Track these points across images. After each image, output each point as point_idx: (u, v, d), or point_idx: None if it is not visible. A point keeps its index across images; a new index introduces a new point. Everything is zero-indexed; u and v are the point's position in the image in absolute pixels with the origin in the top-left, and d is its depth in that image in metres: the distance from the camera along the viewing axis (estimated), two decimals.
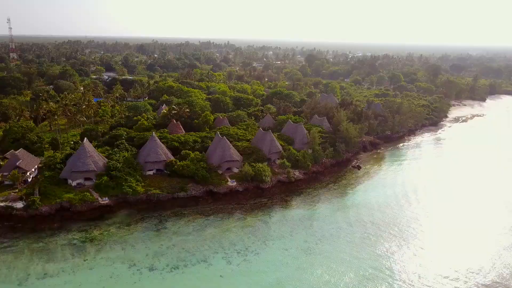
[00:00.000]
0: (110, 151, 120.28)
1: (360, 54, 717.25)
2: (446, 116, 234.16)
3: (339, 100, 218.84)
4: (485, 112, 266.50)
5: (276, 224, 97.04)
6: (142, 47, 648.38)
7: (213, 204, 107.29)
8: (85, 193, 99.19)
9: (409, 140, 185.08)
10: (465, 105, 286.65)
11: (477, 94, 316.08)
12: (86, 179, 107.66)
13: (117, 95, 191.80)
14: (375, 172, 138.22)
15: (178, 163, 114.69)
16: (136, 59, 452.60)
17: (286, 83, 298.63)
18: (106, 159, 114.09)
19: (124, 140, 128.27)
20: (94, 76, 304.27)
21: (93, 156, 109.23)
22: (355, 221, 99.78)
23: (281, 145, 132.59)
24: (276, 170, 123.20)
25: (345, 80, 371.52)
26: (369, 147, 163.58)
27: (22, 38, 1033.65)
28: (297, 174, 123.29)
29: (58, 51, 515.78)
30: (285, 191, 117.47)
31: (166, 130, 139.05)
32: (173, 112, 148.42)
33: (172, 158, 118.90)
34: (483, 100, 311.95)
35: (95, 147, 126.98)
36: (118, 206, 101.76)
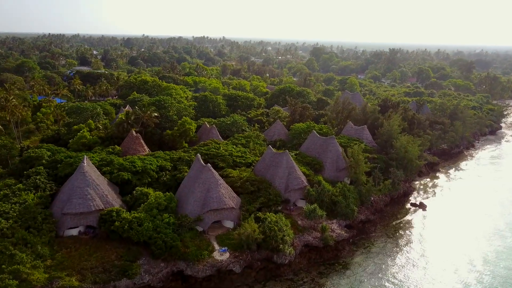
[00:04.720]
0: (7, 190, 67.97)
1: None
2: (501, 122, 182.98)
3: (365, 100, 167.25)
4: None
5: None
6: (129, 41, 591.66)
7: None
8: None
9: (471, 156, 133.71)
10: (511, 106, 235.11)
11: None
12: None
13: (64, 91, 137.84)
14: (445, 214, 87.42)
15: (123, 215, 62.41)
16: (119, 52, 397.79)
17: (293, 79, 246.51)
18: None
19: (42, 168, 75.91)
20: (63, 71, 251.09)
21: None
22: None
23: (304, 173, 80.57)
24: (299, 223, 70.73)
25: (359, 76, 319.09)
26: (424, 170, 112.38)
27: (7, 35, 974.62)
28: (336, 230, 70.74)
29: (33, 44, 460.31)
30: (316, 264, 65.70)
31: (118, 148, 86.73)
32: (133, 117, 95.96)
33: (116, 203, 66.52)
34: None
35: None
36: None
